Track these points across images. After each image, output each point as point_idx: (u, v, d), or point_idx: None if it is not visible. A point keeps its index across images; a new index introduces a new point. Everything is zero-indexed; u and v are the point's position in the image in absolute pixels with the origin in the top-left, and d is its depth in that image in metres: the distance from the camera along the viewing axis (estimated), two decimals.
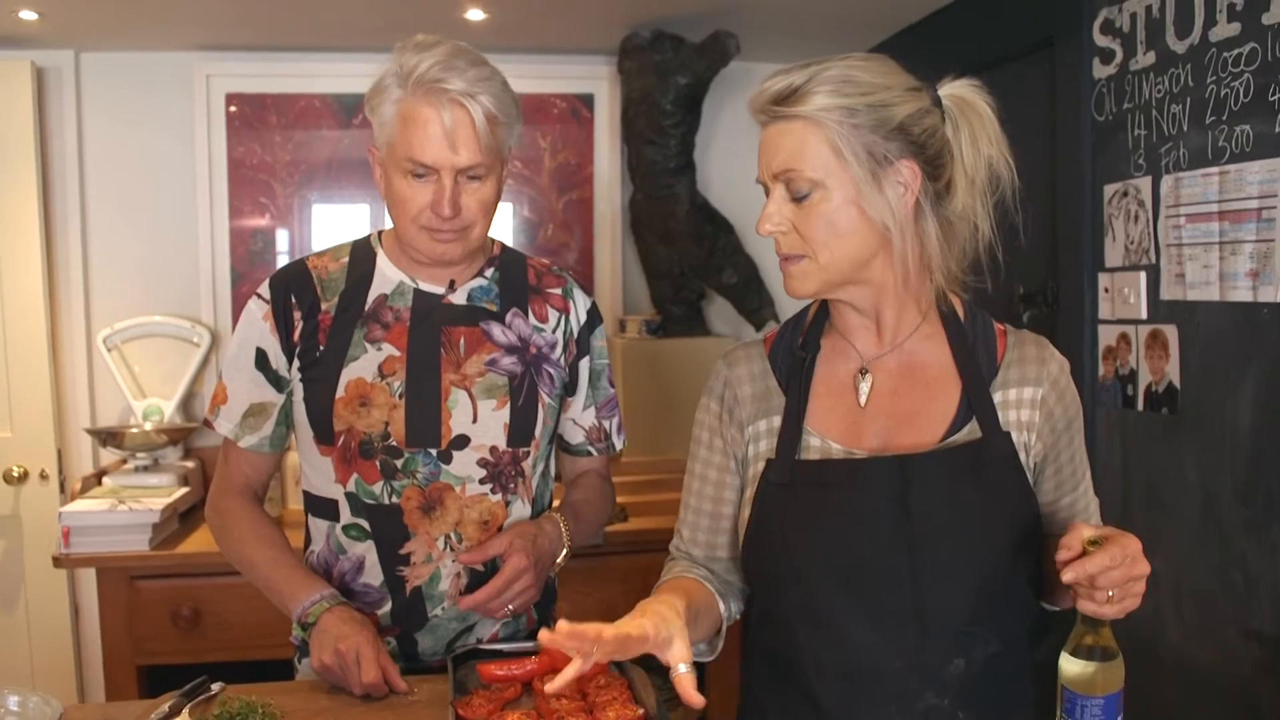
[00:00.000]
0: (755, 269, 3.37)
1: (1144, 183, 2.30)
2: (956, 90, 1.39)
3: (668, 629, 1.24)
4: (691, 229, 3.32)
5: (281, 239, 3.50)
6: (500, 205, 1.74)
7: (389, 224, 1.76)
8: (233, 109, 3.43)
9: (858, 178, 1.30)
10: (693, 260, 3.37)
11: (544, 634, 1.16)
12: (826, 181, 1.31)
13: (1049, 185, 2.64)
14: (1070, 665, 1.24)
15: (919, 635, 1.34)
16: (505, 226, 3.54)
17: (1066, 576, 1.18)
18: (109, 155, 3.40)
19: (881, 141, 1.30)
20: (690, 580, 1.49)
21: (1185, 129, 2.18)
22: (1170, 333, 2.25)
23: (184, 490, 3.06)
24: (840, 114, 1.29)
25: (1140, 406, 2.35)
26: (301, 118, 3.46)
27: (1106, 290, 2.45)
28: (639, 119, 3.30)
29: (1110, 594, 1.18)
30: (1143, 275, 2.33)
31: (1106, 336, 2.46)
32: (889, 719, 1.36)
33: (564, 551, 1.78)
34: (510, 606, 1.68)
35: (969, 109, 1.38)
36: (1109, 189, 2.43)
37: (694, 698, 1.21)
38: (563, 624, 1.16)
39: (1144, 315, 2.33)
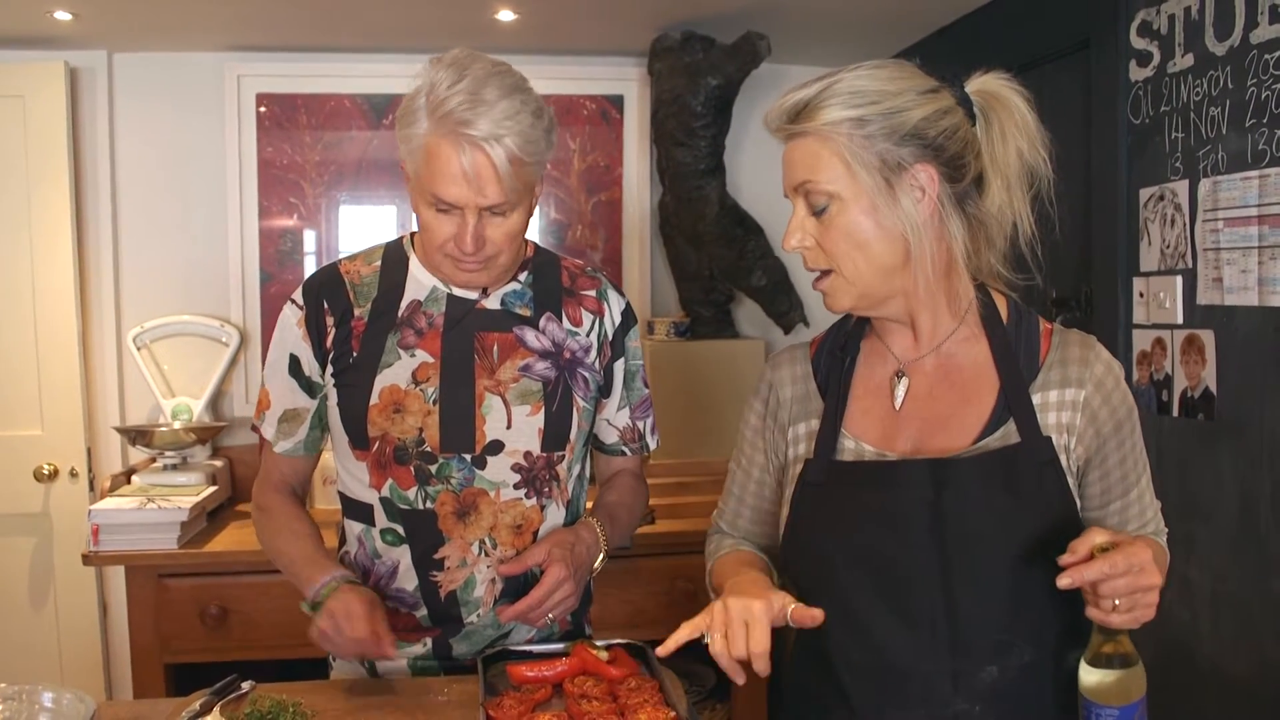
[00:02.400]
0: (785, 272, 3.35)
1: (1181, 186, 2.28)
2: (984, 85, 1.38)
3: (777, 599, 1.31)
4: (721, 231, 3.31)
5: (310, 239, 3.50)
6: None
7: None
8: (263, 109, 3.44)
9: (870, 188, 1.31)
10: (722, 263, 3.36)
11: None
12: (842, 194, 1.32)
13: (1084, 189, 2.62)
14: (1088, 675, 1.23)
15: (950, 641, 1.34)
16: (534, 228, 3.52)
17: (1062, 582, 1.17)
18: (140, 154, 3.42)
19: (894, 148, 1.30)
20: (748, 553, 1.56)
21: (1224, 132, 2.15)
22: (1207, 338, 2.22)
23: (212, 489, 3.07)
24: (849, 125, 1.30)
25: (1175, 412, 2.33)
26: (331, 118, 3.46)
27: (1141, 295, 2.42)
28: (669, 120, 3.29)
29: (1116, 603, 1.17)
30: (1179, 279, 2.30)
31: (1141, 341, 2.44)
32: None
33: (600, 557, 1.77)
34: (550, 616, 1.67)
35: (997, 102, 1.37)
36: (1145, 193, 2.40)
37: (816, 613, 1.28)
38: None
39: (1180, 320, 2.30)
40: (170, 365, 3.42)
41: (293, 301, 1.79)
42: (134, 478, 3.12)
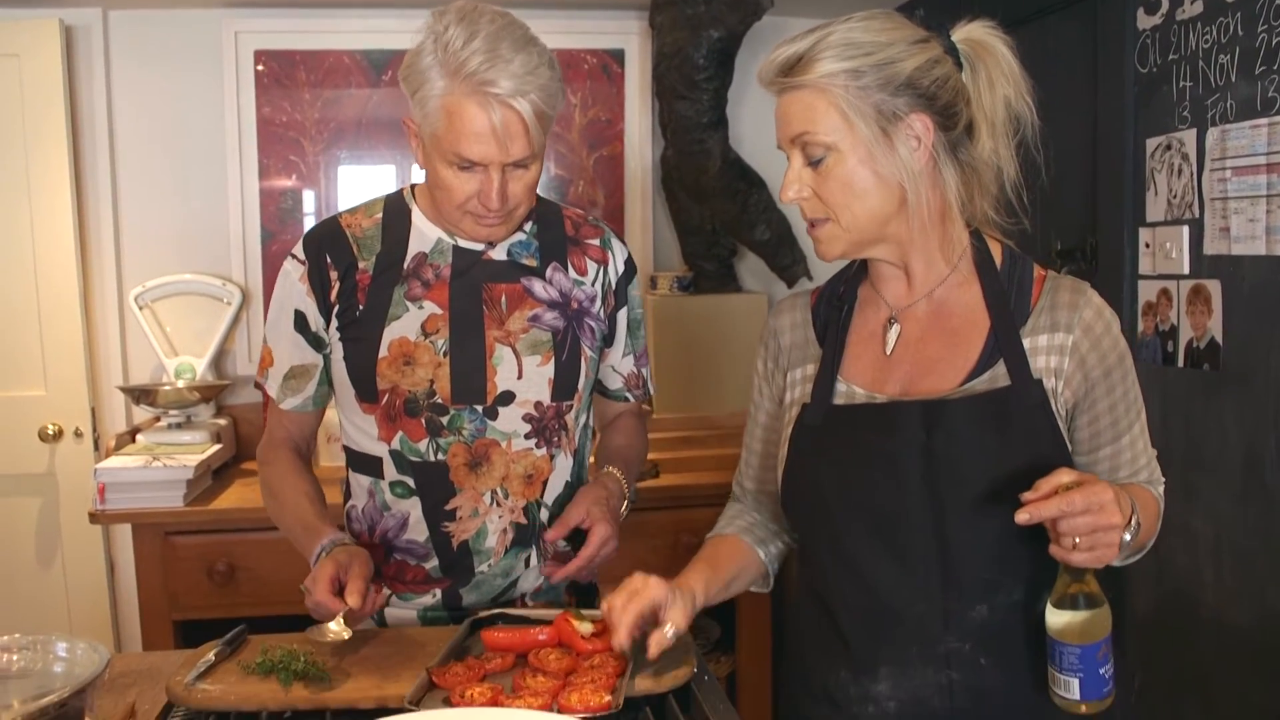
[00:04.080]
0: (788, 225, 3.34)
1: (1188, 135, 2.26)
2: (970, 33, 1.40)
3: (675, 599, 1.43)
4: (723, 185, 3.29)
5: (311, 197, 3.49)
6: None
7: (418, 177, 1.75)
8: (261, 67, 3.41)
9: (868, 139, 1.33)
10: (725, 217, 3.34)
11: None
12: (839, 145, 1.34)
13: (1090, 139, 2.60)
14: (1055, 616, 1.28)
15: (942, 580, 1.37)
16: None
17: (1019, 517, 1.22)
18: (138, 113, 3.39)
19: (890, 99, 1.32)
20: (730, 541, 1.61)
21: (1234, 79, 2.13)
22: (1213, 287, 2.21)
23: (217, 447, 3.07)
24: (845, 78, 1.32)
25: (1180, 363, 2.32)
26: (330, 75, 3.43)
27: (1147, 245, 2.41)
28: (671, 74, 3.26)
29: (1077, 541, 1.21)
30: (1185, 230, 2.29)
31: (1147, 292, 2.43)
32: (910, 661, 1.40)
33: (625, 504, 1.80)
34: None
35: (983, 50, 1.39)
36: (1151, 142, 2.39)
37: (650, 650, 1.39)
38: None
39: (1186, 270, 2.29)
40: (172, 324, 3.41)
41: (293, 256, 1.78)
42: (139, 437, 3.12)
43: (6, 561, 3.34)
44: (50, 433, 3.30)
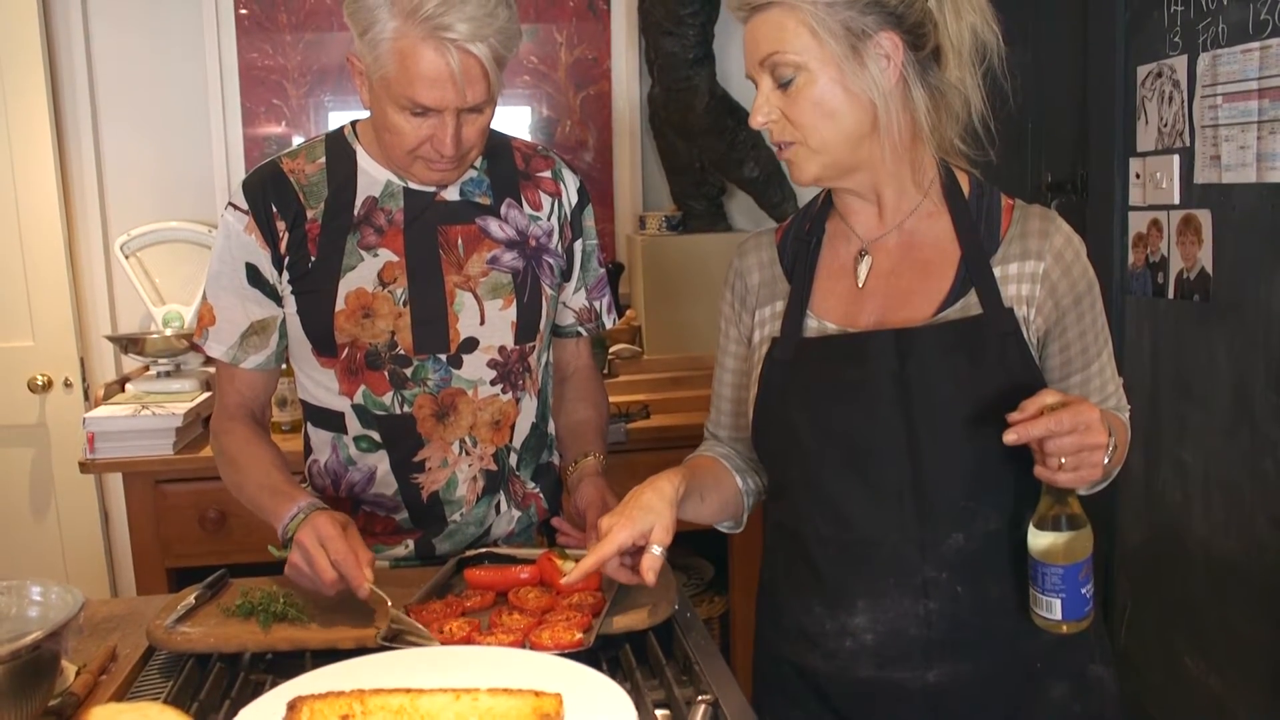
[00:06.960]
0: (777, 163, 3.29)
1: (1179, 62, 2.22)
2: None
3: (646, 521, 1.36)
4: (711, 122, 3.24)
5: (296, 143, 3.43)
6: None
7: (365, 113, 1.68)
8: (243, 10, 3.36)
9: (838, 56, 1.31)
10: (713, 154, 3.30)
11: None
12: (809, 64, 1.32)
13: (1080, 68, 2.56)
14: (1037, 538, 1.28)
15: (917, 510, 1.37)
16: (523, 125, 3.47)
17: (1008, 437, 1.21)
18: (118, 58, 3.34)
19: (858, 16, 1.30)
20: (707, 459, 1.58)
21: (1225, 3, 2.09)
22: (1204, 217, 2.19)
23: (206, 395, 3.06)
24: None
25: (1171, 294, 2.30)
26: (312, 16, 3.38)
27: (1138, 176, 2.38)
28: (656, 9, 3.21)
29: (1063, 461, 1.21)
30: (1176, 159, 2.26)
31: (1137, 223, 2.40)
32: (887, 591, 1.40)
33: None
34: None
35: None
36: (1142, 70, 2.35)
37: (647, 577, 1.34)
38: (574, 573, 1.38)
39: (1176, 200, 2.27)
40: (159, 272, 3.39)
41: (234, 207, 1.68)
42: (128, 386, 3.11)
43: (1, 513, 3.35)
44: (40, 383, 3.29)
